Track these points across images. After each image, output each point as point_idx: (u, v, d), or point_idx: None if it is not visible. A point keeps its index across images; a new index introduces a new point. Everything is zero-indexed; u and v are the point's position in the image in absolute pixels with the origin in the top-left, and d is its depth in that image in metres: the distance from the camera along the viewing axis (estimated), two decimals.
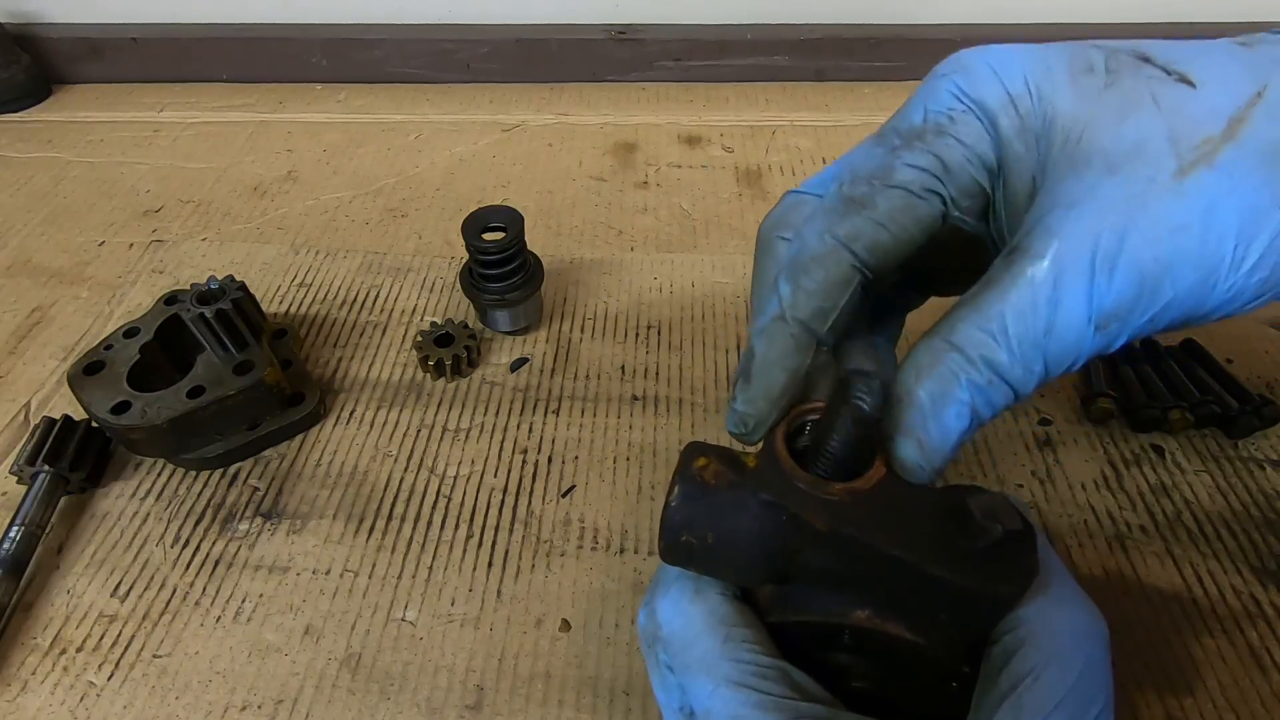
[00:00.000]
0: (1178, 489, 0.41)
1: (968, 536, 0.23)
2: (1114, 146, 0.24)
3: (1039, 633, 0.24)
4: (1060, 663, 0.24)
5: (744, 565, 0.26)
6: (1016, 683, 0.23)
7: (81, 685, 0.35)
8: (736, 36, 0.73)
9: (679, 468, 0.26)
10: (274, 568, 0.39)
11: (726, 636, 0.25)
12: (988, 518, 0.23)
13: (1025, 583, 0.24)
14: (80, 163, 0.66)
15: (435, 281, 0.54)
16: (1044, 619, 0.25)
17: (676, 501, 0.25)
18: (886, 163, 0.27)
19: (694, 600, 0.27)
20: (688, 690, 0.25)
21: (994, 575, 0.23)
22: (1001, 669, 0.24)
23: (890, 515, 0.24)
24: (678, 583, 0.27)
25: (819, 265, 0.27)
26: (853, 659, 0.26)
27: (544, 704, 0.34)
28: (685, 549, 0.26)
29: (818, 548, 0.24)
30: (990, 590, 0.23)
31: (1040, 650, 0.24)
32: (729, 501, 0.25)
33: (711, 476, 0.25)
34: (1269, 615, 0.36)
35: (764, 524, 0.25)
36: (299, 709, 0.34)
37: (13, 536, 0.38)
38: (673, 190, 0.62)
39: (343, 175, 0.64)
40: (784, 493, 0.25)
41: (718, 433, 0.45)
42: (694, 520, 0.25)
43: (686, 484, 0.25)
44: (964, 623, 0.25)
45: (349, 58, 0.74)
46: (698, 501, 0.25)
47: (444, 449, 0.44)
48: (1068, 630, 0.25)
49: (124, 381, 0.41)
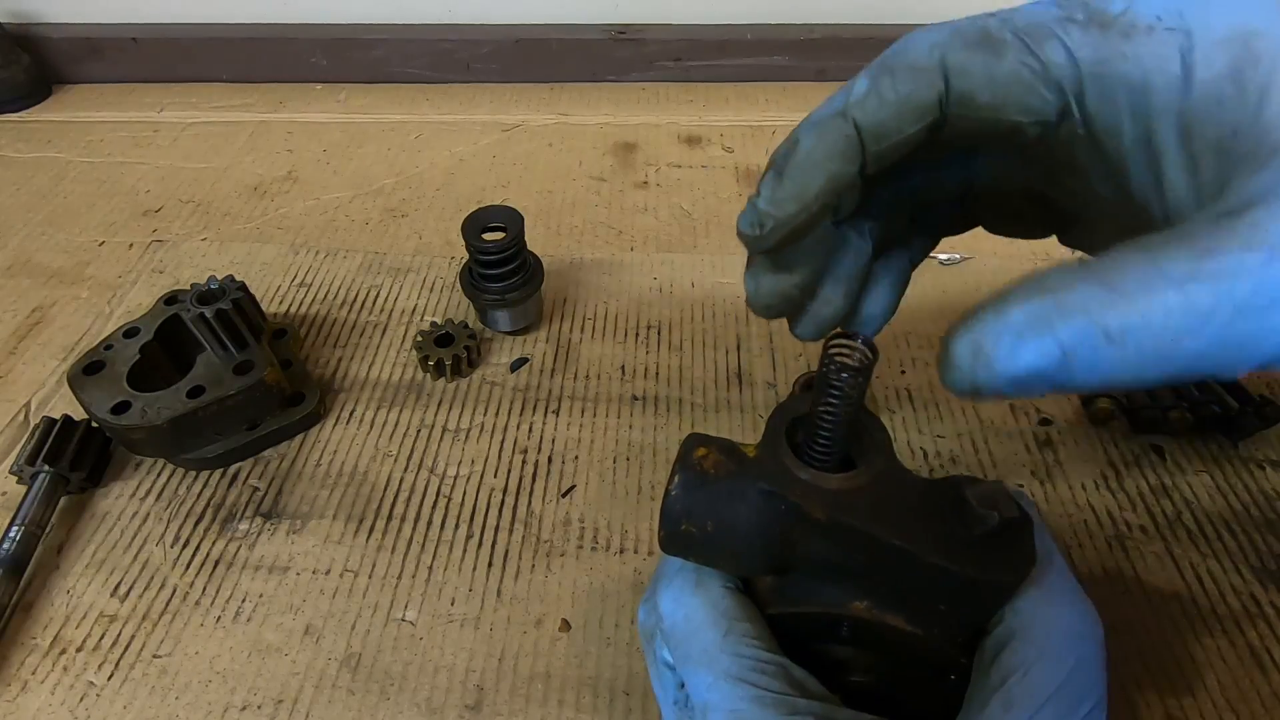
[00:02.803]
0: (1178, 489, 0.41)
1: (965, 525, 0.23)
2: None
3: (1031, 626, 0.24)
4: (1051, 658, 0.24)
5: (743, 555, 0.26)
6: (1007, 676, 0.23)
7: (81, 685, 0.35)
8: (736, 36, 0.73)
9: (679, 457, 0.26)
10: (274, 568, 0.39)
11: (727, 630, 0.25)
12: (985, 505, 0.23)
13: (1024, 570, 0.24)
14: (80, 163, 0.66)
15: (435, 281, 0.54)
16: (1037, 613, 0.25)
17: (677, 490, 0.25)
18: (1046, 29, 0.23)
19: (695, 593, 0.27)
20: (687, 682, 0.25)
21: (992, 563, 0.23)
22: (993, 661, 0.24)
23: (889, 505, 0.24)
24: (680, 575, 0.27)
25: (910, 75, 0.23)
26: (852, 652, 0.26)
27: (544, 704, 0.34)
28: (685, 538, 0.26)
29: (817, 537, 0.25)
30: (988, 578, 0.23)
31: (1032, 644, 0.24)
32: (728, 491, 0.25)
33: (711, 466, 0.26)
34: (1269, 615, 0.36)
35: (763, 514, 0.25)
36: (299, 709, 0.34)
37: (13, 536, 0.38)
38: (673, 190, 0.62)
39: (343, 175, 0.64)
40: (783, 482, 0.25)
41: (718, 432, 0.44)
42: (694, 509, 0.25)
43: (686, 473, 0.26)
44: (963, 612, 0.25)
45: (349, 58, 0.74)
46: (697, 491, 0.25)
47: (444, 449, 0.44)
48: (1060, 626, 0.25)
49: (124, 381, 0.41)
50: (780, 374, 0.48)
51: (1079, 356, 0.20)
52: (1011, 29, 0.23)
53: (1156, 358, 0.19)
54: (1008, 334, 0.20)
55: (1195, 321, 0.19)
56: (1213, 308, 0.19)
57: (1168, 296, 0.19)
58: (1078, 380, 0.20)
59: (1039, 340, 0.20)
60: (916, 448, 0.44)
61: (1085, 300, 0.20)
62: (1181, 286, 0.19)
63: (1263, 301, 0.18)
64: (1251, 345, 0.19)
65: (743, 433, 0.45)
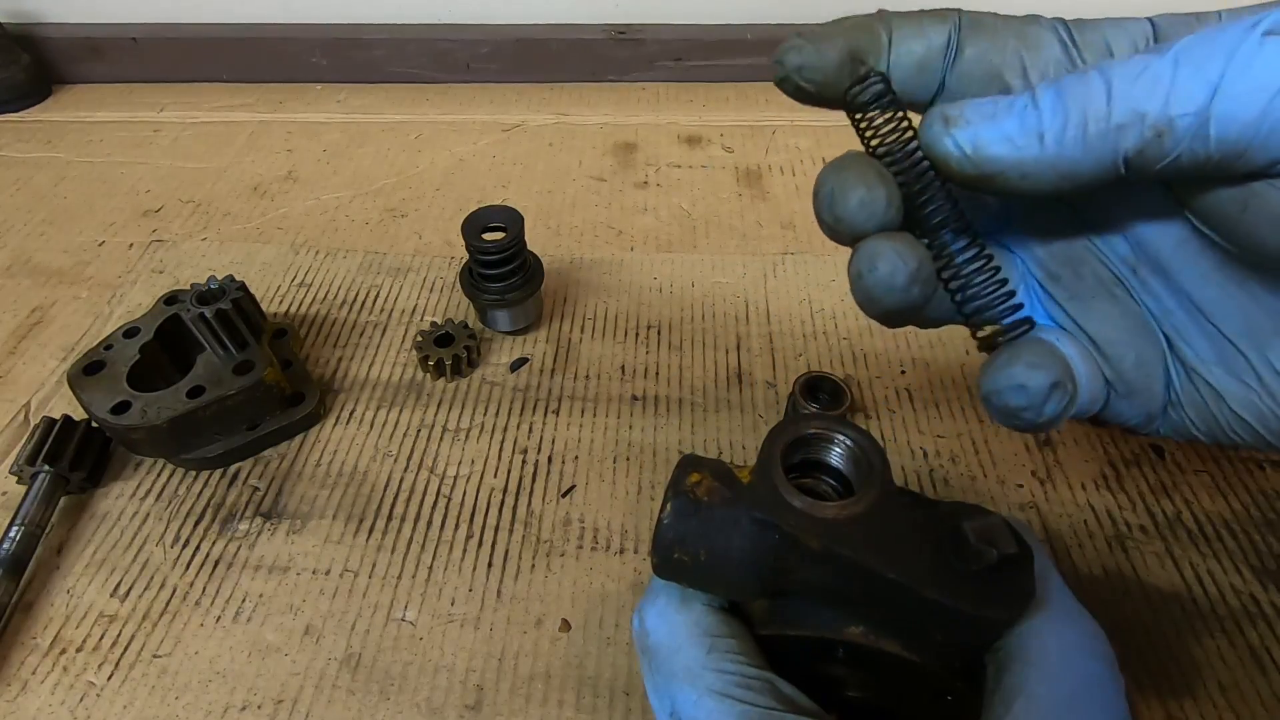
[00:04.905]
0: (1178, 489, 0.41)
1: (962, 560, 0.23)
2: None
3: (1030, 649, 0.24)
4: (1053, 679, 0.24)
5: (736, 581, 0.26)
6: (1011, 701, 0.23)
7: (81, 685, 0.35)
8: (736, 36, 0.73)
9: (672, 482, 0.26)
10: (274, 568, 0.39)
11: (711, 647, 0.25)
12: (983, 542, 0.23)
13: (1021, 607, 0.24)
14: (80, 163, 0.66)
15: (435, 281, 0.54)
16: (1037, 637, 0.25)
17: (669, 519, 0.25)
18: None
19: (679, 610, 0.27)
20: (674, 699, 0.25)
21: (988, 599, 0.23)
22: (995, 688, 0.24)
23: (885, 536, 0.24)
24: (664, 592, 0.28)
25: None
26: (847, 671, 0.26)
27: (544, 704, 0.34)
28: (678, 565, 0.26)
29: (811, 566, 0.24)
30: (984, 615, 0.23)
31: (1032, 667, 0.24)
32: (722, 518, 0.25)
33: (705, 493, 0.25)
34: (1269, 615, 0.36)
35: (756, 542, 0.25)
36: (299, 709, 0.34)
37: (13, 536, 0.38)
38: (673, 190, 0.62)
39: (343, 175, 0.64)
40: (777, 510, 0.24)
41: (717, 433, 0.45)
42: (686, 537, 0.25)
43: (679, 500, 0.25)
44: (958, 643, 0.25)
45: (349, 58, 0.74)
46: (690, 518, 0.25)
47: (444, 449, 0.44)
48: (1061, 647, 0.25)
49: (124, 381, 0.41)
50: (780, 374, 0.48)
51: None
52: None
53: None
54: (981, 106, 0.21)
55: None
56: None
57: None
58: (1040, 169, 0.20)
59: (1016, 117, 0.20)
60: (916, 448, 0.44)
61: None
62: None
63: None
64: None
65: (742, 432, 0.45)
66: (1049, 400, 0.22)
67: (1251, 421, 0.23)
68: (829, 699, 0.25)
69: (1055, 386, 0.22)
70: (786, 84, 0.24)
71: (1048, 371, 0.22)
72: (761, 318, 0.51)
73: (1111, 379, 0.25)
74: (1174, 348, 0.24)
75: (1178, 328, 0.24)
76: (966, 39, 0.23)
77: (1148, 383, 0.25)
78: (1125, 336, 0.25)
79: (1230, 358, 0.23)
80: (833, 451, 0.27)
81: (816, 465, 0.27)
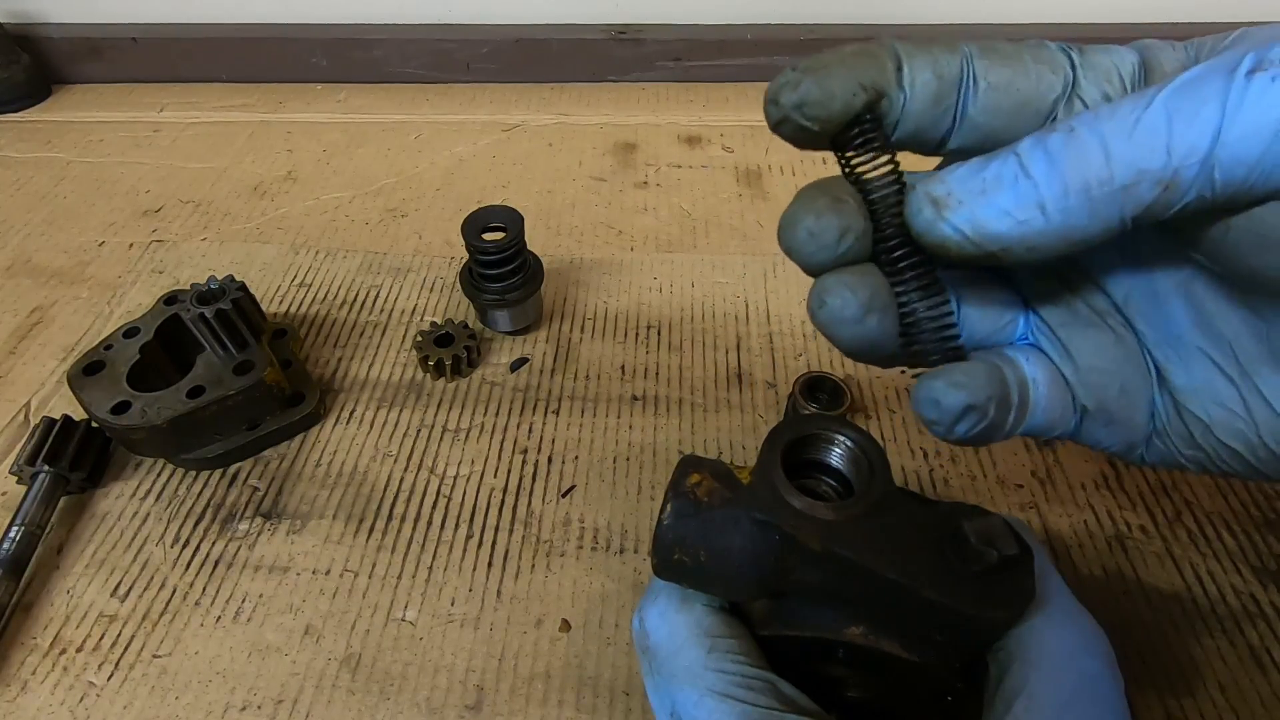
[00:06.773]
0: (1178, 489, 0.41)
1: (963, 560, 0.23)
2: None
3: (1031, 649, 0.24)
4: (1053, 679, 0.24)
5: (737, 582, 0.26)
6: (1012, 700, 0.23)
7: (81, 685, 0.35)
8: (736, 36, 0.73)
9: (671, 484, 0.26)
10: (274, 568, 0.39)
11: (711, 647, 0.25)
12: (983, 542, 0.23)
13: (1020, 608, 0.24)
14: (80, 163, 0.66)
15: (435, 281, 0.54)
16: (1037, 636, 0.25)
17: (669, 520, 0.25)
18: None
19: (680, 610, 0.27)
20: (674, 700, 0.26)
21: (989, 600, 0.23)
22: (996, 689, 0.24)
23: (885, 536, 0.24)
24: (665, 593, 0.28)
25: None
26: (848, 671, 0.26)
27: (544, 704, 0.34)
28: (678, 566, 0.26)
29: (811, 566, 0.24)
30: (984, 615, 0.23)
31: (1033, 667, 0.24)
32: (722, 519, 0.25)
33: (705, 494, 0.25)
34: (1269, 615, 0.36)
35: (757, 543, 0.25)
36: (299, 709, 0.34)
37: (13, 536, 0.38)
38: (673, 190, 0.62)
39: (343, 175, 0.64)
40: (777, 511, 0.24)
41: (717, 433, 0.45)
42: (686, 538, 0.25)
43: (679, 501, 0.25)
44: (958, 643, 0.25)
45: (349, 58, 0.74)
46: (690, 519, 0.25)
47: (444, 449, 0.44)
48: (1061, 647, 0.25)
49: (124, 381, 0.41)
50: (780, 374, 0.48)
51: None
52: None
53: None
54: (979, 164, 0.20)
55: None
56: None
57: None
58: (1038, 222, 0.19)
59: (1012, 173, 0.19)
60: (916, 448, 0.44)
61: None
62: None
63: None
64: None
65: (742, 432, 0.45)
66: (961, 421, 0.22)
67: (1240, 450, 0.23)
68: (829, 699, 0.25)
69: (970, 409, 0.22)
70: (785, 126, 0.23)
71: (969, 394, 0.22)
72: (761, 318, 0.51)
73: (1092, 407, 0.25)
74: (1163, 376, 0.24)
75: (1168, 355, 0.24)
76: (982, 68, 0.22)
77: (1129, 413, 0.25)
78: (1113, 365, 0.25)
79: (1218, 385, 0.23)
80: (833, 452, 0.27)
81: (816, 466, 0.27)
